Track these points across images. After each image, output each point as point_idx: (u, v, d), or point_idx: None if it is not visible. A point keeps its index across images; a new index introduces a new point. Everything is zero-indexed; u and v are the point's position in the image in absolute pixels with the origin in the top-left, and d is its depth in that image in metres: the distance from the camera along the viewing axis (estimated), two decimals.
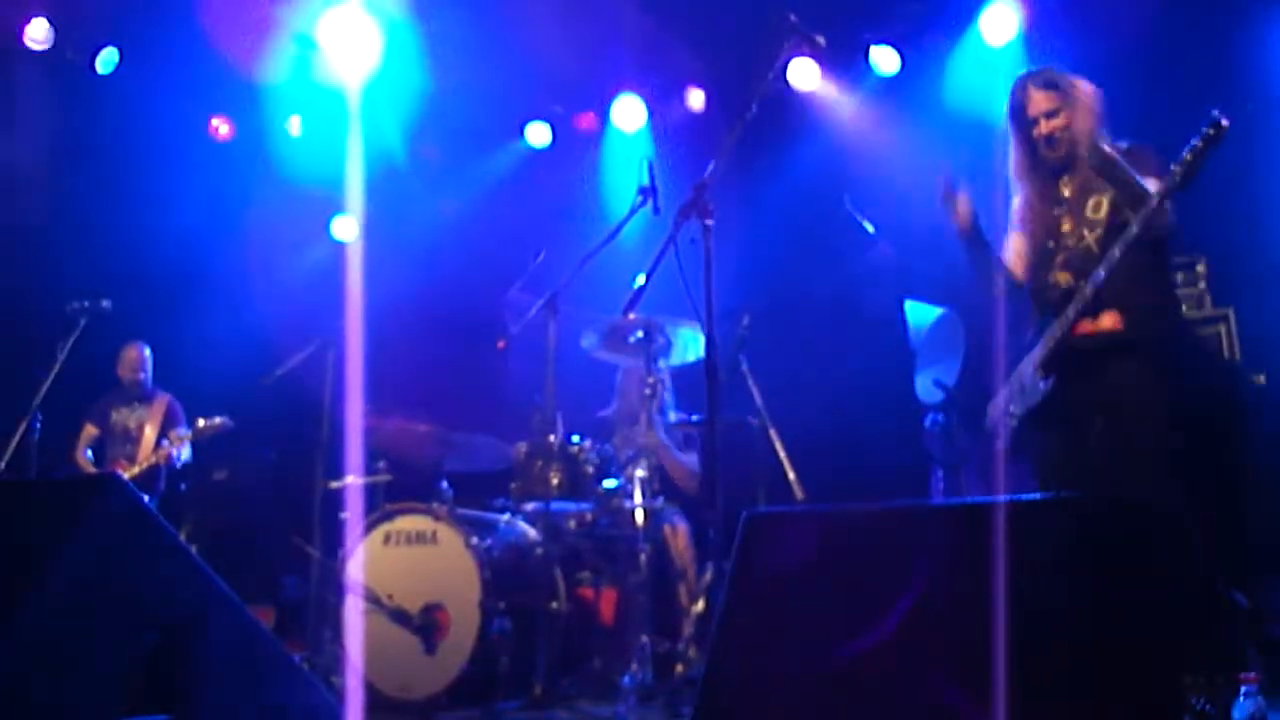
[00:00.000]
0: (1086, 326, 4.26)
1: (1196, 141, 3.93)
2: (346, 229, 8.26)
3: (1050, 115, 4.45)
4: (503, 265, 6.61)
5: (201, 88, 7.98)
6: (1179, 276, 5.22)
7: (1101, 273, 4.14)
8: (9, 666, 2.76)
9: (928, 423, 5.95)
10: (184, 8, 7.26)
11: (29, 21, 7.69)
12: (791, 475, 5.39)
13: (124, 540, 3.08)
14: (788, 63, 4.49)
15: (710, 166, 3.95)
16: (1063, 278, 4.38)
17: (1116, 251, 4.09)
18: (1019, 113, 4.53)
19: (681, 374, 6.32)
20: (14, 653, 2.78)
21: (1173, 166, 3.98)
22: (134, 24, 7.73)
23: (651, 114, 8.20)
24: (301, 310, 6.97)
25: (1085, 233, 4.36)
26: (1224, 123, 3.88)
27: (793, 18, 4.29)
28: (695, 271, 4.18)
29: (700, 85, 8.08)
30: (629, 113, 8.20)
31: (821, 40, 4.31)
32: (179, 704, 3.08)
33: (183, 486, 7.63)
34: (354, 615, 5.32)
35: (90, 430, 7.66)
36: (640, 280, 4.11)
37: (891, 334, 6.34)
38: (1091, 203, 4.38)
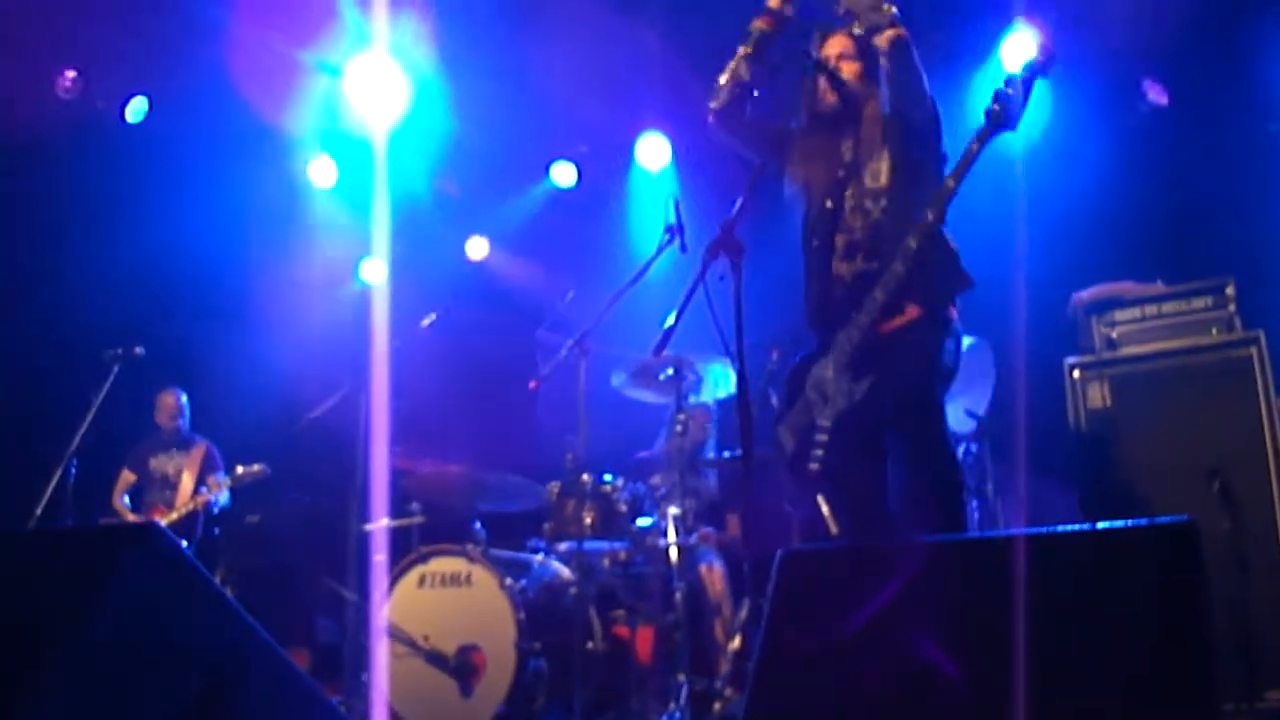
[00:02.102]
0: (895, 322, 3.98)
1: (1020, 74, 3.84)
2: (374, 272, 8.32)
3: (843, 57, 4.24)
4: (531, 305, 6.65)
5: (230, 136, 8.07)
6: (1207, 301, 5.18)
7: (900, 268, 3.87)
8: (52, 715, 2.78)
9: (960, 453, 5.92)
10: (212, 57, 7.36)
11: (60, 72, 7.82)
12: (825, 509, 5.36)
13: (164, 588, 3.09)
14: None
15: (737, 203, 3.95)
16: (845, 269, 4.10)
17: (913, 243, 3.85)
18: (814, 57, 4.25)
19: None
20: (56, 701, 2.79)
21: (993, 107, 3.85)
22: (163, 74, 7.84)
23: (676, 152, 8.24)
24: (333, 354, 7.02)
25: (869, 204, 4.08)
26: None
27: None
28: (724, 308, 4.18)
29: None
30: (653, 151, 8.25)
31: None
32: None
33: (216, 531, 7.68)
34: (385, 658, 5.32)
35: (128, 477, 7.74)
36: (670, 320, 4.10)
37: None
38: (870, 170, 4.11)
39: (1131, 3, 6.47)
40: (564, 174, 8.52)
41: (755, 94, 4.32)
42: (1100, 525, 2.94)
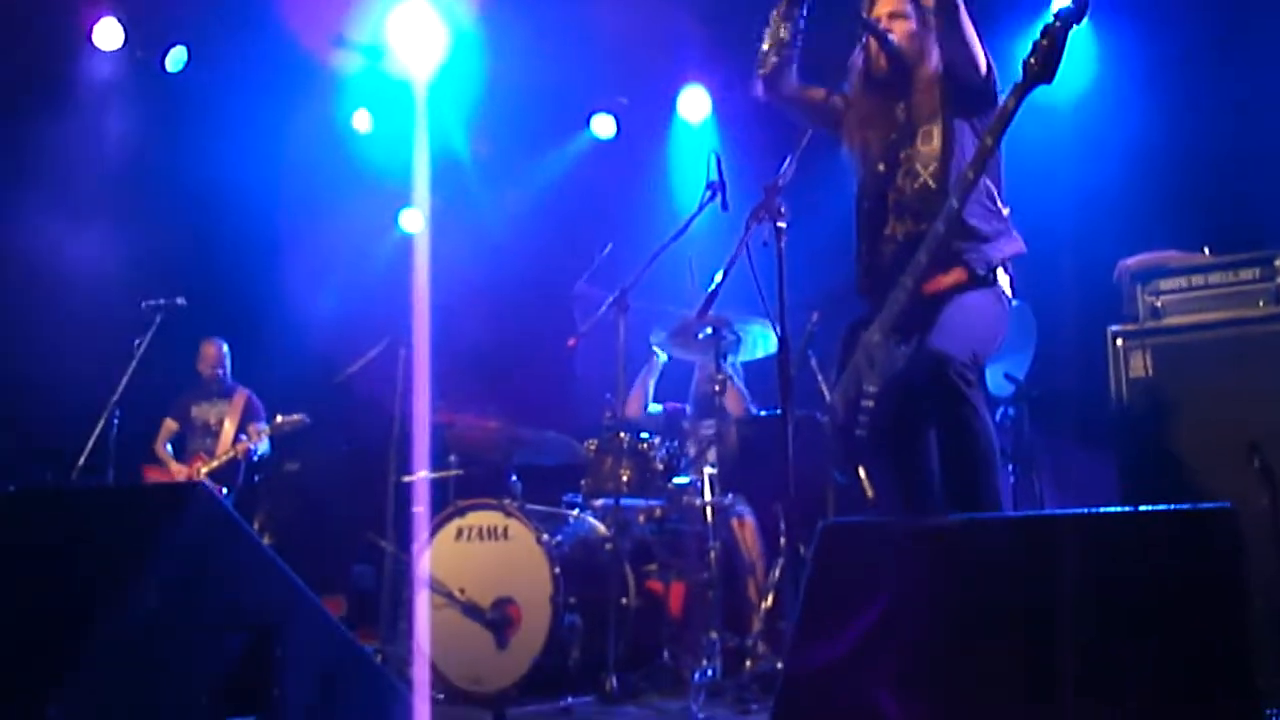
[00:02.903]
0: (942, 282, 3.93)
1: (1054, 22, 3.62)
2: (414, 221, 8.34)
3: (894, 16, 4.13)
4: (569, 258, 6.64)
5: (269, 85, 8.06)
6: (1255, 272, 5.10)
7: (941, 227, 3.80)
8: (102, 669, 2.83)
9: (998, 417, 5.90)
10: (252, 6, 7.36)
11: (99, 21, 7.83)
12: (861, 472, 5.36)
13: (210, 546, 3.14)
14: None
15: (784, 168, 3.90)
16: (898, 229, 4.05)
17: (955, 202, 3.78)
18: (864, 18, 4.14)
19: (749, 369, 6.34)
20: (105, 656, 2.85)
21: (1029, 60, 3.66)
22: (203, 23, 7.85)
23: (716, 105, 8.18)
24: (373, 305, 7.05)
25: (919, 168, 4.03)
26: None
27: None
28: (765, 271, 4.16)
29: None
30: (694, 103, 8.20)
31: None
32: (263, 706, 3.15)
33: (256, 478, 7.76)
34: (425, 609, 5.37)
35: (170, 425, 7.83)
36: (715, 281, 4.08)
37: None
38: (922, 132, 4.05)
39: None
40: (604, 126, 8.48)
41: (796, 49, 4.22)
42: (1141, 508, 2.93)
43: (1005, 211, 4.07)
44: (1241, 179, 6.20)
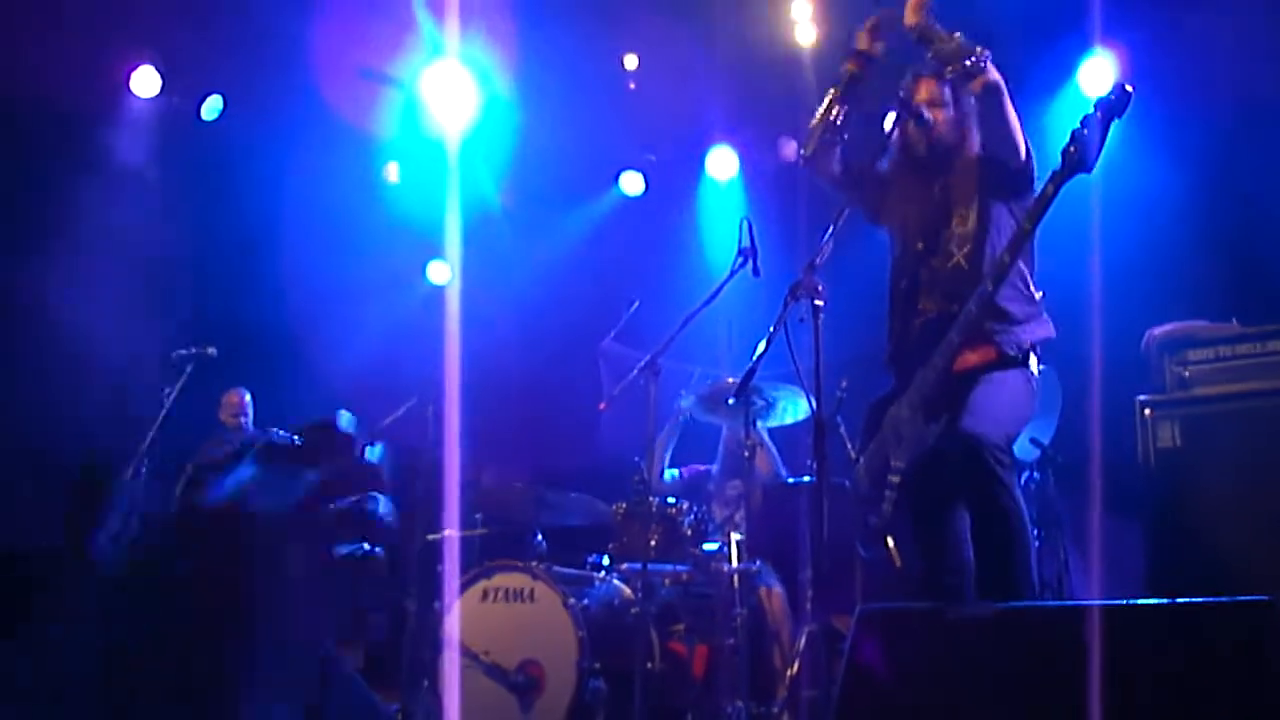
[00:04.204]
0: (970, 360, 3.98)
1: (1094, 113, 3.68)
2: (441, 274, 8.39)
3: (933, 104, 4.19)
4: (597, 313, 6.66)
5: (303, 134, 8.13)
6: None
7: (974, 309, 3.86)
8: None
9: (1022, 481, 5.90)
10: (288, 56, 7.43)
11: (136, 69, 7.91)
12: (890, 542, 5.35)
13: None
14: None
15: (823, 246, 3.92)
16: (929, 306, 4.12)
17: (990, 285, 3.85)
18: (905, 100, 4.19)
19: (779, 434, 6.34)
20: None
21: (1068, 148, 3.73)
22: (239, 72, 7.92)
23: (744, 164, 8.23)
24: (401, 357, 7.07)
25: (954, 249, 4.09)
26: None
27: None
28: (798, 343, 4.17)
29: (794, 136, 8.10)
30: (722, 163, 8.25)
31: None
32: None
33: None
34: (454, 671, 5.36)
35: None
36: (754, 355, 4.12)
37: None
38: (958, 214, 4.11)
39: (1213, 31, 6.39)
40: (632, 183, 8.54)
41: (845, 137, 4.30)
42: (1178, 600, 2.93)
43: (1038, 295, 4.10)
44: (1271, 249, 6.20)
